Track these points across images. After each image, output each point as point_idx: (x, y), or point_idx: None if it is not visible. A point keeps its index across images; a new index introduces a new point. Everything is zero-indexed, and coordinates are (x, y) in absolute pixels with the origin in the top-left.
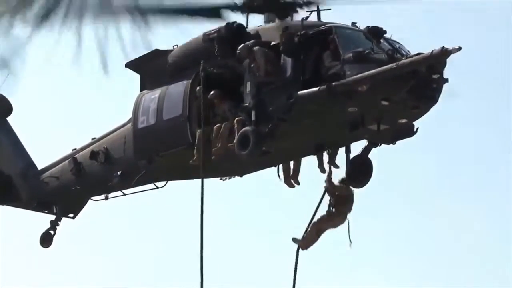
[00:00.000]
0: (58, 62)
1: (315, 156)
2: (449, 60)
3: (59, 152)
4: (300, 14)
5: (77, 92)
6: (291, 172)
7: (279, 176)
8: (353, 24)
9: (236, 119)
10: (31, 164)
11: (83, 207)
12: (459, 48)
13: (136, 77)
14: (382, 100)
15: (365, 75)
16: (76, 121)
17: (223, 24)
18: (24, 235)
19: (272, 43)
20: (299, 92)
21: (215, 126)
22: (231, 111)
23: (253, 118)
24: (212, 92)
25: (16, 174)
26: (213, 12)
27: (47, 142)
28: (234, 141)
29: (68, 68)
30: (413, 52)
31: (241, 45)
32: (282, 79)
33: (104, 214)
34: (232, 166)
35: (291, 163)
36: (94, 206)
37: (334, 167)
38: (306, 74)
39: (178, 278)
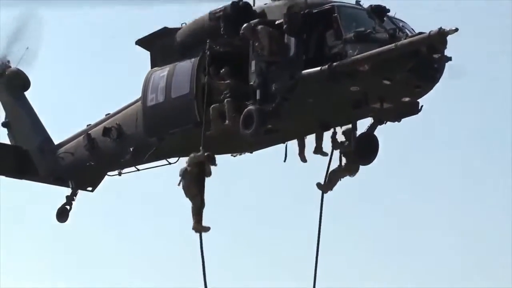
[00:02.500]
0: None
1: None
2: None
3: (75, 127)
4: None
5: (92, 68)
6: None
7: (286, 155)
8: (357, 2)
9: (226, 100)
10: (48, 139)
11: (100, 181)
12: (456, 29)
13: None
14: (384, 80)
15: (364, 56)
16: (91, 97)
17: (229, 2)
18: (40, 210)
19: (276, 22)
20: (302, 72)
21: (211, 107)
22: (231, 90)
23: (257, 97)
24: (223, 70)
25: (34, 149)
26: None
27: (64, 116)
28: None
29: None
30: (416, 31)
31: (244, 25)
32: (285, 58)
33: (118, 189)
34: (242, 143)
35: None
36: (108, 182)
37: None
38: (309, 53)
39: (190, 254)
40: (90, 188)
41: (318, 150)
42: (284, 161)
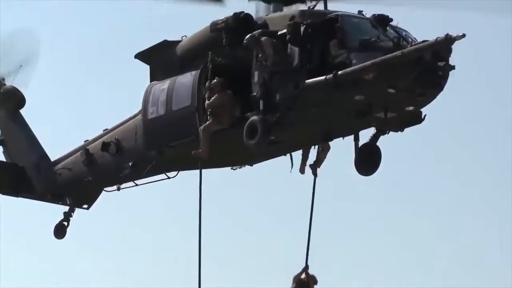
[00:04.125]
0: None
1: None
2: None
3: (72, 144)
4: (307, 3)
5: (89, 83)
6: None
7: (292, 165)
8: (360, 12)
9: (202, 128)
10: (44, 156)
11: (97, 198)
12: (463, 35)
13: (146, 68)
14: (389, 88)
15: (370, 63)
16: (89, 112)
17: (230, 14)
18: (38, 227)
19: (279, 32)
20: (306, 81)
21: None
22: (231, 103)
23: (260, 107)
24: (215, 80)
25: (30, 166)
26: None
27: (60, 134)
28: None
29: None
30: (419, 40)
31: (248, 36)
32: (289, 68)
33: (117, 205)
34: (242, 156)
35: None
36: (107, 197)
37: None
38: (313, 63)
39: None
40: (85, 206)
41: (317, 164)
42: (291, 170)
